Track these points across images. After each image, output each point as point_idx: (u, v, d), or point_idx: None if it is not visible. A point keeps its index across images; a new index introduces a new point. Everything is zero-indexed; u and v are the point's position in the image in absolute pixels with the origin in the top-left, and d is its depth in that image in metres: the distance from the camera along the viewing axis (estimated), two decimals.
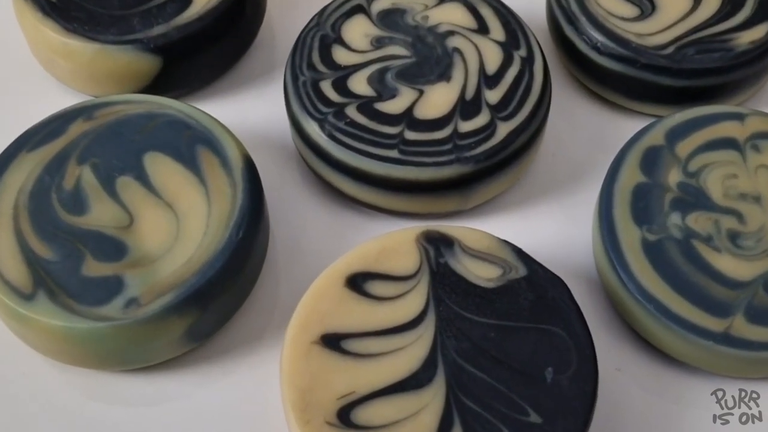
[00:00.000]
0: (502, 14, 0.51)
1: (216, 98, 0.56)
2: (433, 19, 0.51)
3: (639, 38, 0.51)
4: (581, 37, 0.52)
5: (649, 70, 0.51)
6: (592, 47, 0.51)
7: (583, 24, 0.52)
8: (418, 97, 0.47)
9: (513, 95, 0.48)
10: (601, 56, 0.51)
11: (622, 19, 0.51)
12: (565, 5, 0.53)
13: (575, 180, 0.52)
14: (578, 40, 0.52)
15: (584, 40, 0.52)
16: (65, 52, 0.50)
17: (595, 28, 0.51)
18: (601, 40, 0.51)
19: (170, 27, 0.50)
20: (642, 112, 0.54)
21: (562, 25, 0.53)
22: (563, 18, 0.53)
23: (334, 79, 0.48)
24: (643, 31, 0.51)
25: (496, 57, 0.49)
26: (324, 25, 0.51)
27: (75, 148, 0.45)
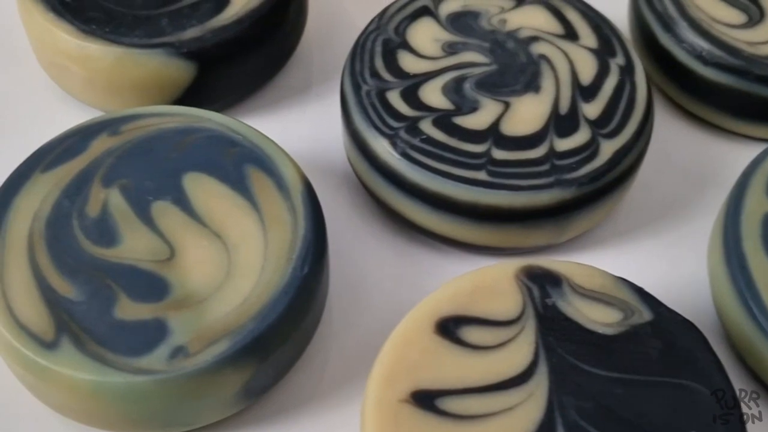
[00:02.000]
0: (591, 18, 0.46)
1: (255, 113, 0.51)
2: (512, 23, 0.46)
3: (750, 47, 0.46)
4: (681, 45, 0.47)
5: (764, 82, 0.45)
6: (696, 56, 0.47)
7: (684, 30, 0.47)
8: (504, 111, 0.42)
9: (614, 109, 0.43)
10: (706, 67, 0.47)
11: (728, 25, 0.47)
12: (659, 8, 0.48)
13: (676, 210, 0.48)
14: (677, 48, 0.48)
15: (685, 49, 0.47)
16: (81, 58, 0.45)
17: (698, 34, 0.47)
18: (706, 48, 0.46)
19: (205, 30, 0.45)
20: (750, 135, 0.51)
21: (655, 31, 0.49)
22: (657, 23, 0.48)
23: (403, 89, 0.43)
24: (754, 39, 0.47)
25: (590, 66, 0.45)
26: (386, 29, 0.45)
27: (98, 167, 0.40)
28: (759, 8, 0.48)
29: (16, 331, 0.35)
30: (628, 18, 0.53)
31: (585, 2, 0.48)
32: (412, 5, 0.47)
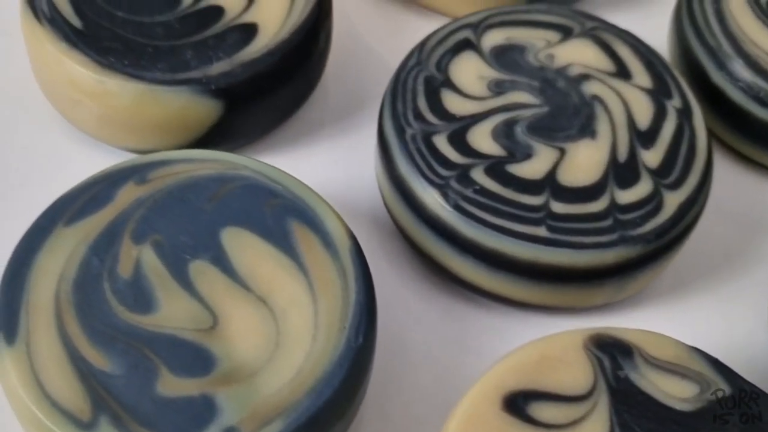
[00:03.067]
0: (643, 54, 0.45)
1: (278, 149, 0.50)
2: (560, 59, 0.44)
3: None
4: (736, 84, 0.46)
5: None
6: (752, 97, 0.45)
7: (740, 68, 0.46)
8: (559, 158, 0.41)
9: (675, 157, 0.42)
10: (764, 109, 0.45)
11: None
12: (712, 43, 0.47)
13: (732, 261, 0.48)
14: (732, 88, 0.47)
15: (741, 88, 0.46)
16: (98, 94, 0.42)
17: (756, 73, 0.46)
18: (765, 89, 0.45)
19: (234, 63, 0.43)
20: None
21: (706, 67, 0.48)
22: (709, 59, 0.47)
23: (450, 133, 0.42)
24: None
25: (646, 108, 0.43)
26: (427, 64, 0.44)
27: (128, 220, 0.38)
28: None
29: (48, 409, 0.34)
30: (669, 48, 0.52)
31: (634, 35, 0.46)
32: (452, 38, 0.46)
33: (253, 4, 0.46)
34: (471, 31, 0.46)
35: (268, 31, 0.45)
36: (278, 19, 0.45)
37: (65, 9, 0.45)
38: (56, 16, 0.44)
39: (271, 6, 0.46)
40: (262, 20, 0.45)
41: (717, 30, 0.47)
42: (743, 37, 0.47)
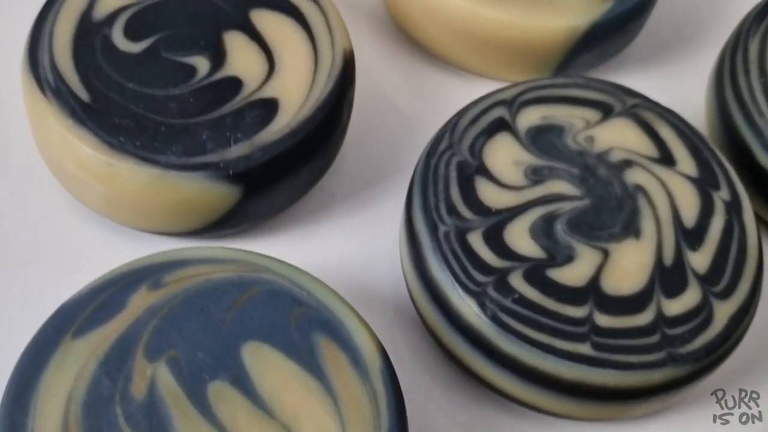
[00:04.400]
0: (687, 137, 0.42)
1: (292, 228, 0.48)
2: (600, 142, 0.42)
3: None
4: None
5: None
6: None
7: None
8: (603, 261, 0.38)
9: (725, 260, 0.39)
10: None
11: None
12: (759, 123, 0.44)
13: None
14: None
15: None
16: (107, 177, 0.39)
17: None
18: None
19: (254, 146, 0.40)
20: None
21: (752, 149, 0.45)
22: (756, 140, 0.45)
23: (486, 230, 0.39)
24: None
25: (692, 201, 0.41)
26: (459, 147, 0.41)
27: (141, 332, 0.35)
28: None
29: None
30: (707, 119, 0.50)
31: (677, 115, 0.43)
32: (486, 117, 0.43)
33: (273, 75, 0.43)
34: (505, 109, 0.43)
35: (289, 107, 0.42)
36: (300, 93, 0.42)
37: (72, 79, 0.41)
38: (62, 87, 0.41)
39: (293, 77, 0.43)
40: (283, 94, 0.42)
41: (766, 109, 0.44)
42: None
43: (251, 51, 0.44)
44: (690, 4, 0.55)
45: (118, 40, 0.43)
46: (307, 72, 0.43)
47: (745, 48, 0.47)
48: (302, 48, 0.44)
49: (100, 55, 0.43)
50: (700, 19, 0.54)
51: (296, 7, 0.45)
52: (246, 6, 0.45)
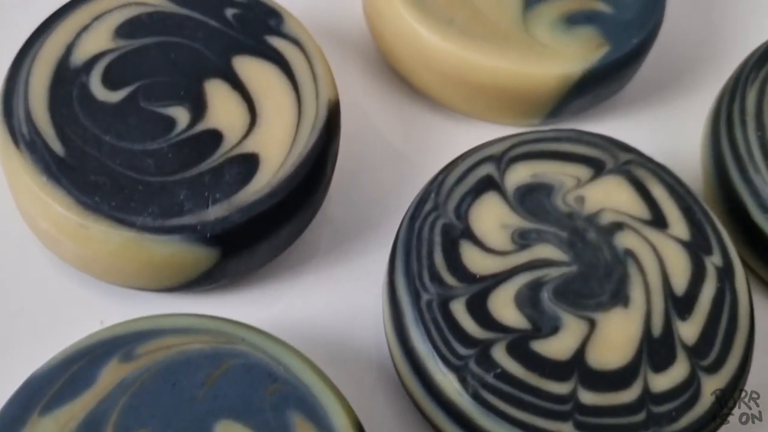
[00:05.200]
0: (680, 196, 0.41)
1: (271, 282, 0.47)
2: (591, 202, 0.40)
3: None
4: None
5: None
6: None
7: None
8: (589, 332, 0.38)
9: (714, 330, 0.39)
10: None
11: None
12: (756, 181, 0.42)
13: None
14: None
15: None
16: (81, 237, 0.39)
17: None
18: None
19: (232, 207, 0.39)
20: None
21: (747, 206, 0.44)
22: (751, 197, 0.43)
23: (470, 298, 0.38)
24: None
25: (684, 266, 0.40)
26: (445, 208, 0.40)
27: (111, 409, 0.35)
28: None
29: None
30: (703, 172, 0.49)
31: (670, 172, 0.42)
32: (473, 174, 0.41)
33: (254, 128, 0.42)
34: (494, 166, 0.42)
35: (270, 164, 0.41)
36: (282, 148, 0.41)
37: (47, 131, 0.40)
38: (36, 141, 0.40)
39: (275, 131, 0.42)
40: (264, 149, 0.41)
41: (762, 165, 0.43)
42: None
43: (233, 101, 0.42)
44: (689, 45, 0.53)
45: (96, 89, 0.42)
46: (289, 125, 0.42)
47: (742, 97, 0.46)
48: (285, 98, 0.43)
49: (77, 104, 0.42)
50: (699, 60, 0.53)
51: (281, 54, 0.44)
52: (229, 52, 0.44)
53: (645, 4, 0.48)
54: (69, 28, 0.44)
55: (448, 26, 0.46)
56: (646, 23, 0.48)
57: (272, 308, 0.43)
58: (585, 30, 0.47)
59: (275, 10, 0.45)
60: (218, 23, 0.45)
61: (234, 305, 0.42)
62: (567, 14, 0.47)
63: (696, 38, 0.54)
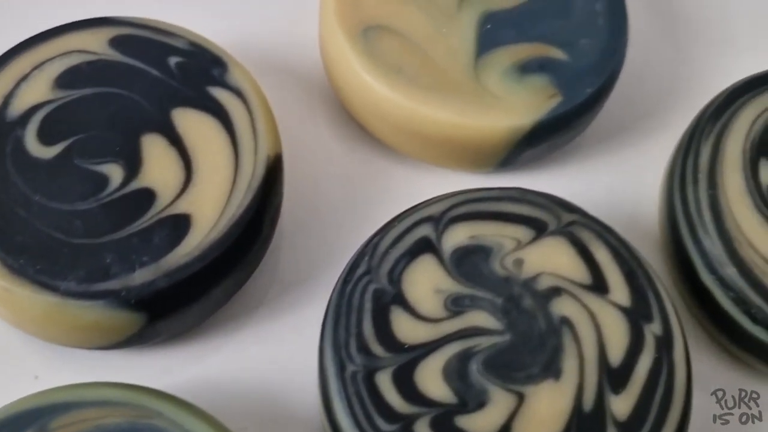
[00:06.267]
0: (623, 260, 0.40)
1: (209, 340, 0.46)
2: (529, 266, 0.40)
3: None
4: (727, 293, 0.41)
5: None
6: (744, 312, 0.40)
7: (732, 276, 0.41)
8: (517, 406, 0.38)
9: (648, 405, 0.38)
10: (755, 326, 0.40)
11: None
12: (704, 242, 0.41)
13: None
14: (722, 296, 0.41)
15: (731, 299, 0.40)
16: (6, 301, 0.40)
17: (749, 285, 0.41)
18: (757, 305, 0.40)
19: (159, 271, 0.38)
20: None
21: (696, 266, 0.42)
22: (700, 258, 0.42)
23: (396, 369, 0.37)
24: None
25: (621, 335, 0.40)
26: (378, 273, 0.39)
27: None
28: None
29: None
30: (659, 226, 0.48)
31: (615, 233, 0.41)
32: (410, 236, 0.41)
33: (189, 187, 0.41)
34: (432, 227, 0.41)
35: (202, 225, 0.40)
36: (215, 209, 0.41)
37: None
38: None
39: (209, 190, 0.41)
40: (197, 209, 0.41)
41: (710, 226, 0.42)
42: (739, 237, 0.42)
43: (169, 158, 0.42)
44: (653, 89, 0.52)
45: (30, 144, 0.42)
46: (225, 183, 0.42)
47: (696, 153, 0.45)
48: (223, 154, 0.42)
49: (9, 161, 0.41)
50: (663, 106, 0.52)
51: (222, 106, 0.43)
52: (169, 104, 0.43)
53: (602, 51, 0.47)
54: (8, 78, 0.43)
55: (396, 76, 0.45)
56: (601, 72, 0.47)
57: (210, 363, 0.43)
58: (537, 79, 0.46)
59: (220, 58, 0.45)
60: (160, 73, 0.44)
61: (170, 362, 0.44)
62: (520, 62, 0.46)
63: (660, 83, 0.53)
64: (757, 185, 0.44)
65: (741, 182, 0.44)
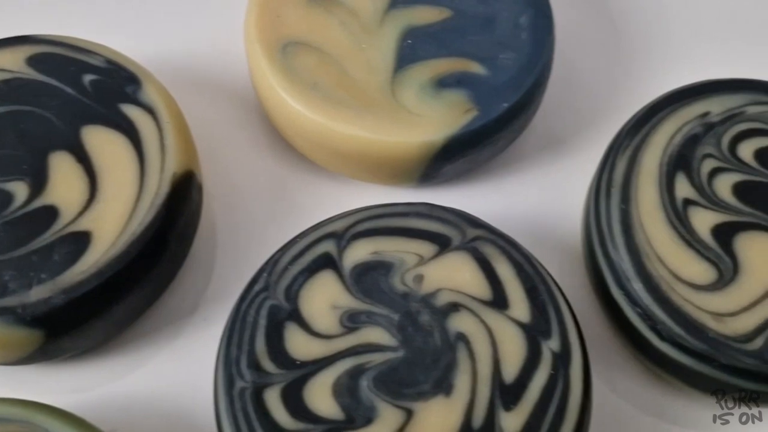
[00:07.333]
0: (526, 275, 0.41)
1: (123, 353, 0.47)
2: (429, 281, 0.40)
3: (718, 322, 0.40)
4: (634, 309, 0.41)
5: (730, 372, 0.40)
6: (651, 328, 0.40)
7: (639, 291, 0.41)
8: (404, 423, 0.38)
9: (539, 422, 0.39)
10: (662, 342, 0.40)
11: (693, 287, 0.41)
12: (613, 256, 0.42)
13: None
14: (631, 312, 0.41)
15: (639, 315, 0.41)
16: None
17: (655, 300, 0.41)
18: (663, 320, 0.40)
19: (56, 287, 0.39)
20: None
21: (607, 281, 0.42)
22: (609, 272, 0.42)
23: (286, 386, 0.38)
24: (722, 309, 0.41)
25: (517, 351, 0.40)
26: (275, 288, 0.40)
27: None
28: (733, 260, 0.42)
29: None
30: (582, 249, 0.48)
31: (521, 248, 0.42)
32: (311, 252, 0.41)
33: (92, 204, 0.42)
34: (334, 243, 0.41)
35: (102, 243, 0.41)
36: (117, 226, 0.42)
37: None
38: None
39: (113, 207, 0.42)
40: (99, 227, 0.41)
41: (619, 240, 0.43)
42: (649, 252, 0.42)
43: (75, 175, 0.43)
44: (584, 100, 0.53)
45: None
46: (129, 200, 0.42)
47: (612, 167, 0.45)
48: (129, 172, 0.43)
49: None
50: (595, 117, 0.52)
51: (132, 123, 0.44)
52: (80, 122, 0.44)
53: (522, 65, 0.48)
54: None
55: (311, 92, 0.46)
56: (519, 86, 0.47)
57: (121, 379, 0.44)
58: (454, 94, 0.46)
59: (135, 75, 0.46)
60: (74, 91, 0.45)
61: (81, 376, 0.45)
62: (439, 77, 0.47)
63: (590, 97, 0.54)
64: (672, 199, 0.44)
65: (655, 196, 0.44)
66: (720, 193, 0.44)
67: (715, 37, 0.55)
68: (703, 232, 0.43)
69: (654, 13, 0.56)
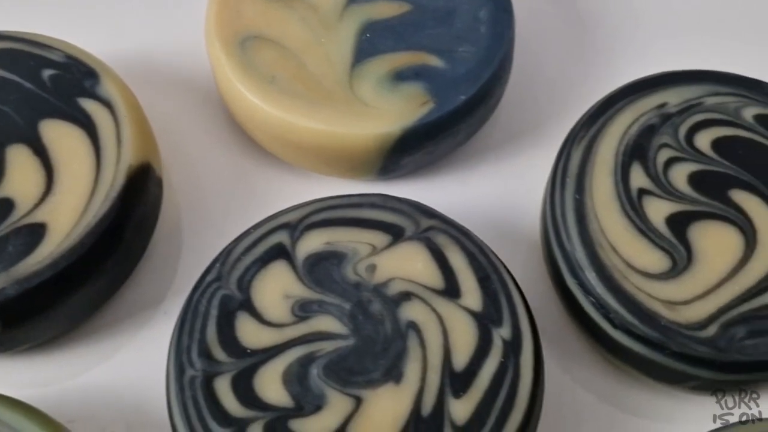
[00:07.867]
0: (479, 265, 0.41)
1: (88, 341, 0.48)
2: (382, 271, 0.41)
3: (670, 310, 0.41)
4: (588, 297, 0.41)
5: (682, 359, 0.40)
6: (604, 317, 0.41)
7: (592, 280, 0.42)
8: (353, 410, 0.38)
9: (488, 409, 0.39)
10: (615, 330, 0.41)
11: (646, 275, 0.42)
12: (566, 246, 0.42)
13: None
14: (584, 300, 0.42)
15: (592, 304, 0.41)
16: None
17: (608, 289, 0.41)
18: (615, 309, 0.41)
19: (11, 278, 0.40)
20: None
21: (561, 270, 0.42)
22: (563, 262, 0.42)
23: (236, 374, 0.38)
24: (675, 297, 0.41)
25: (468, 339, 0.40)
26: (228, 279, 0.40)
27: None
28: (687, 249, 0.42)
29: None
30: (540, 239, 0.47)
31: (475, 238, 0.42)
32: (264, 243, 0.42)
33: (48, 197, 0.43)
34: (287, 234, 0.42)
35: (57, 234, 0.42)
36: (72, 218, 0.42)
37: None
38: None
39: (68, 199, 0.43)
40: (54, 219, 0.42)
41: (573, 230, 0.43)
42: (602, 242, 0.43)
43: (31, 168, 0.43)
44: (545, 92, 0.53)
45: None
46: (84, 192, 0.43)
47: (567, 156, 0.46)
48: (85, 164, 0.44)
49: None
50: (556, 109, 0.53)
51: (89, 116, 0.45)
52: (38, 116, 0.45)
53: (480, 58, 0.48)
54: None
55: (268, 85, 0.47)
56: (476, 79, 0.48)
57: (79, 371, 0.45)
58: (411, 87, 0.47)
59: (93, 70, 0.46)
60: (33, 85, 0.46)
61: (39, 368, 0.46)
62: (396, 70, 0.47)
63: (552, 89, 0.55)
64: (627, 189, 0.44)
65: (610, 186, 0.45)
66: (675, 183, 0.44)
67: (677, 30, 0.56)
68: (658, 222, 0.43)
69: (616, 7, 0.57)
